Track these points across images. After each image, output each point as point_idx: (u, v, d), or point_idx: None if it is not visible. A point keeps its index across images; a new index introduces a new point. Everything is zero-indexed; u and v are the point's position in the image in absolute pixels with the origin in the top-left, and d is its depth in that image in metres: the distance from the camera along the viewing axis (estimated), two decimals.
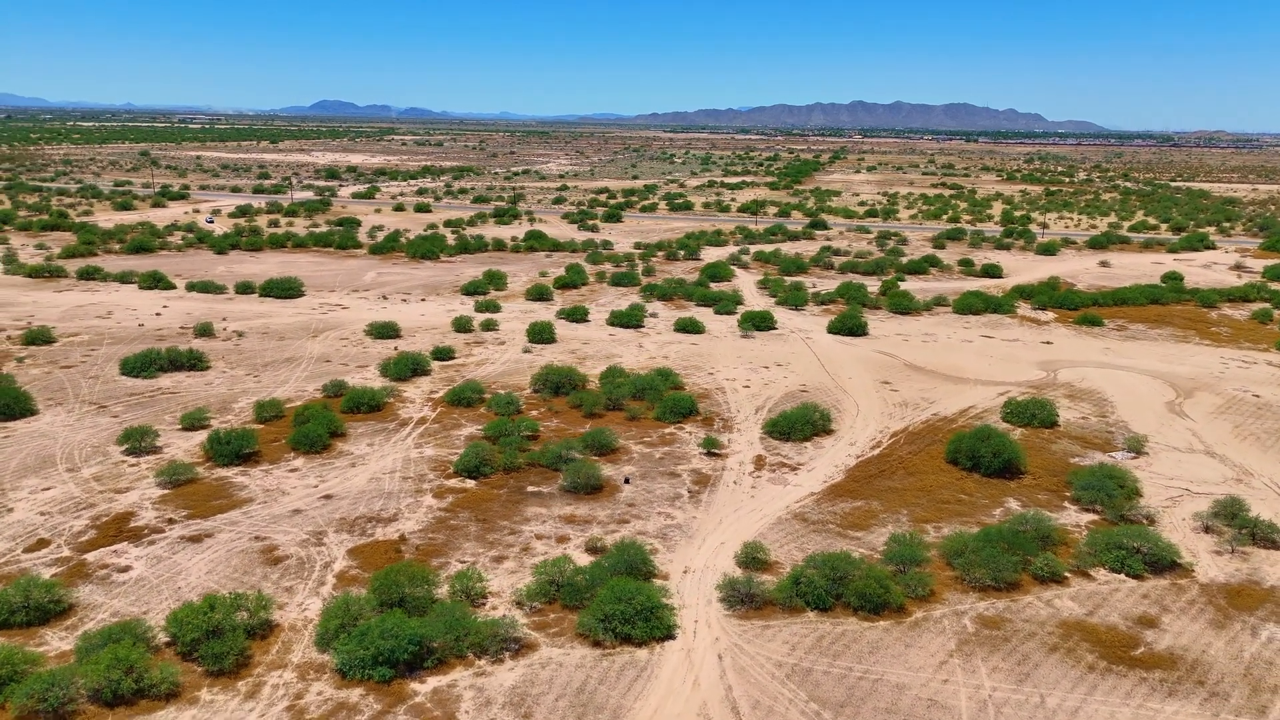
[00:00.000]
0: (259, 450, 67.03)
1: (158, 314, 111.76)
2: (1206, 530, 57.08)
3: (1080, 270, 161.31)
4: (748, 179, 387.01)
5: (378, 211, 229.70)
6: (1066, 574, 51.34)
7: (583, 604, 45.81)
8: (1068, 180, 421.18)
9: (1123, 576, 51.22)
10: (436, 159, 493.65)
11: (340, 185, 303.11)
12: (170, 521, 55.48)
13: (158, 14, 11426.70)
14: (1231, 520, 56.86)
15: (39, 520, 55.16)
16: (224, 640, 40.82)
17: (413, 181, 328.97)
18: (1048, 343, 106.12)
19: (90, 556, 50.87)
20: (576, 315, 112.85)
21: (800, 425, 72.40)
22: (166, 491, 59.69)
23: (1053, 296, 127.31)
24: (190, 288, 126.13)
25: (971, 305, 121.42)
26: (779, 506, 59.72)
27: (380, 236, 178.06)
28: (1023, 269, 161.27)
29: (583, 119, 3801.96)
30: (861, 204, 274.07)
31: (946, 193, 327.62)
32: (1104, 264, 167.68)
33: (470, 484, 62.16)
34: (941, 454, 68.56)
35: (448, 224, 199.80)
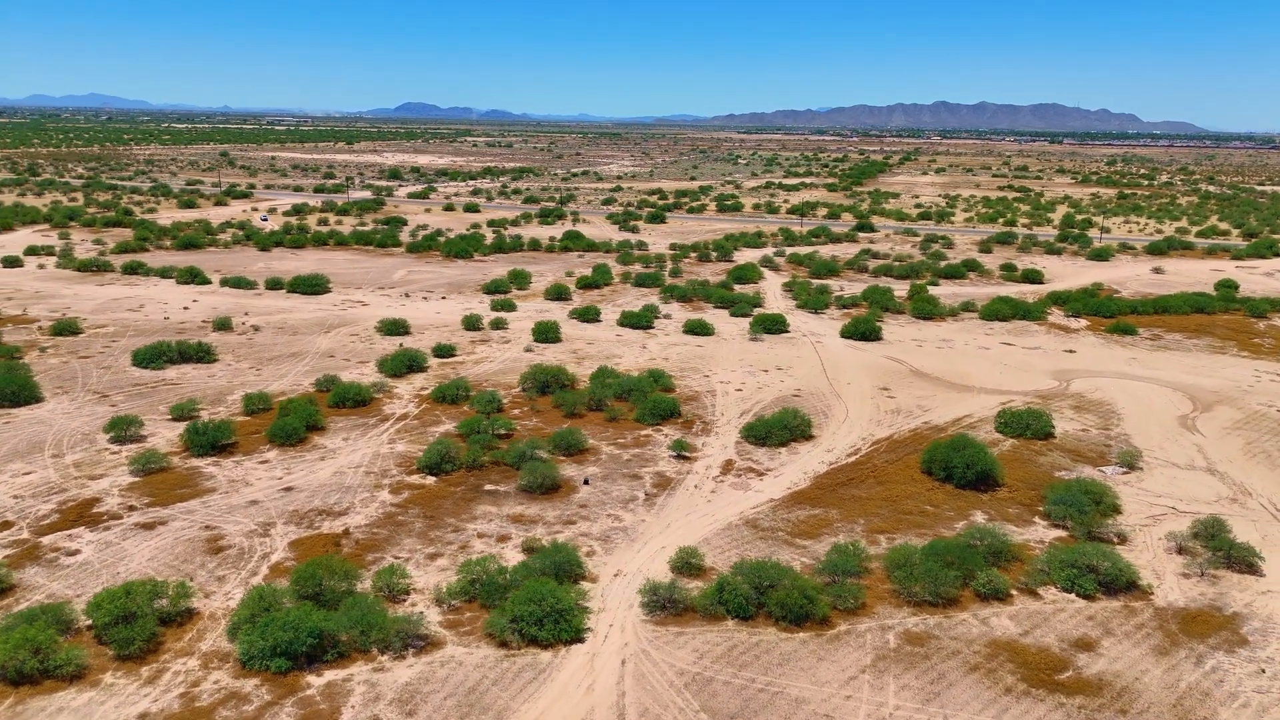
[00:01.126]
0: (236, 442, 68.70)
1: (185, 308, 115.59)
2: (1180, 551, 54.11)
3: (1130, 276, 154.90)
4: (807, 180, 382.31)
5: (428, 211, 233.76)
6: (1013, 591, 49.26)
7: (499, 604, 45.70)
8: (1146, 183, 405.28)
9: (1072, 596, 48.91)
10: (502, 160, 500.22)
11: (399, 185, 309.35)
12: (130, 508, 57.22)
13: (256, 20, 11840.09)
14: (1210, 541, 53.83)
15: (10, 503, 57.44)
16: (134, 625, 41.86)
17: (471, 182, 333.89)
18: (1070, 351, 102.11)
19: (46, 539, 52.76)
20: (588, 315, 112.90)
21: (777, 430, 71.06)
22: (136, 479, 61.60)
23: (1088, 303, 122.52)
24: (224, 283, 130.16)
25: (998, 311, 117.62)
26: (733, 512, 58.68)
27: (422, 235, 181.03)
28: (1068, 274, 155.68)
29: (659, 120, 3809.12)
30: (918, 206, 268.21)
31: (1011, 195, 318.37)
32: (1157, 270, 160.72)
33: (430, 480, 62.63)
34: (919, 463, 66.52)
35: (491, 224, 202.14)
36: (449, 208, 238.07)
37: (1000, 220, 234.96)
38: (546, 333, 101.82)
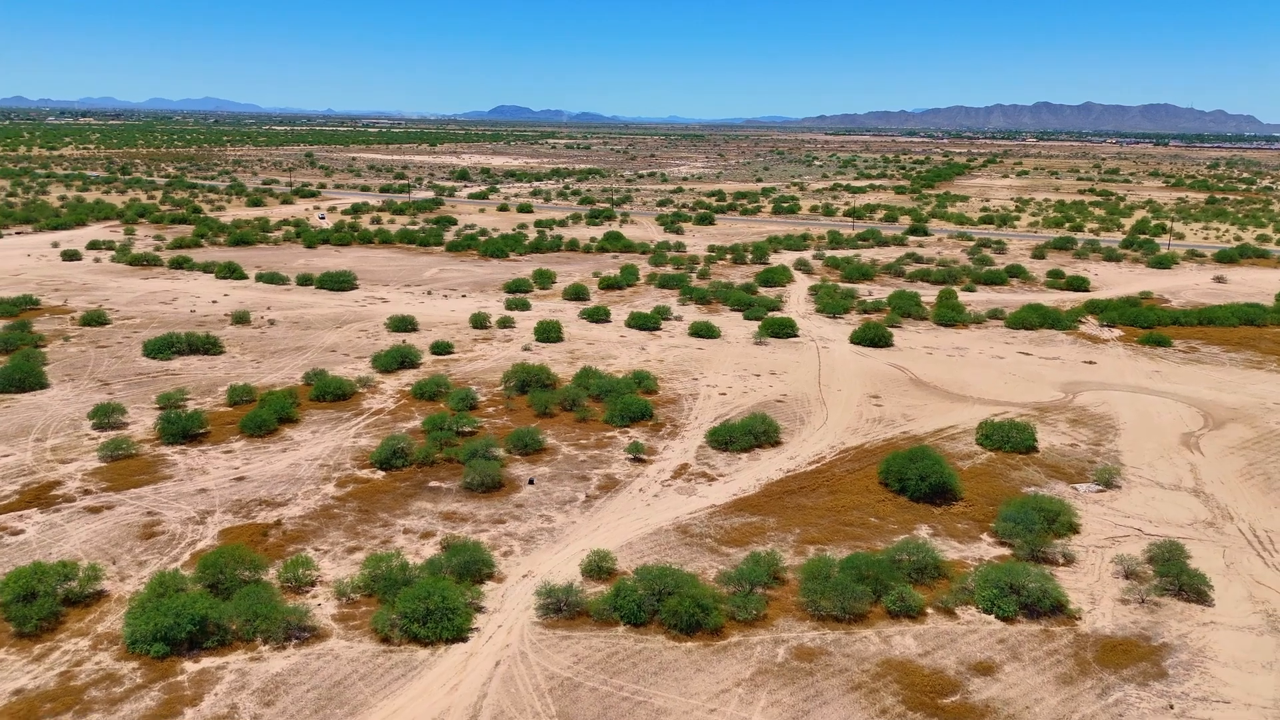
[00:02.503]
0: (209, 431, 70.90)
1: (214, 302, 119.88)
2: (1128, 576, 51.03)
3: (1186, 285, 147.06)
4: (878, 183, 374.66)
5: (482, 212, 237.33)
6: (928, 610, 47.22)
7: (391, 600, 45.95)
8: (1244, 188, 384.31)
9: (990, 618, 46.61)
10: (574, 162, 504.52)
11: (465, 186, 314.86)
12: (86, 492, 59.55)
13: (360, 26, 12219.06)
14: (1162, 566, 50.61)
15: None
16: (33, 604, 43.51)
17: (536, 183, 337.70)
18: (1090, 363, 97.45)
19: None
20: (597, 316, 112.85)
21: (741, 436, 69.72)
22: (102, 464, 64.09)
23: (1125, 313, 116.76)
24: (259, 278, 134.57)
25: (1025, 320, 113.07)
26: (668, 517, 57.78)
27: (463, 235, 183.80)
28: (1120, 282, 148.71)
29: (748, 122, 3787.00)
30: (984, 210, 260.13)
31: (1089, 200, 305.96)
32: (1219, 279, 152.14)
33: (379, 475, 63.44)
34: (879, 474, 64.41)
35: (538, 224, 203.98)
36: (503, 208, 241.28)
37: (1066, 225, 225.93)
38: (548, 332, 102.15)
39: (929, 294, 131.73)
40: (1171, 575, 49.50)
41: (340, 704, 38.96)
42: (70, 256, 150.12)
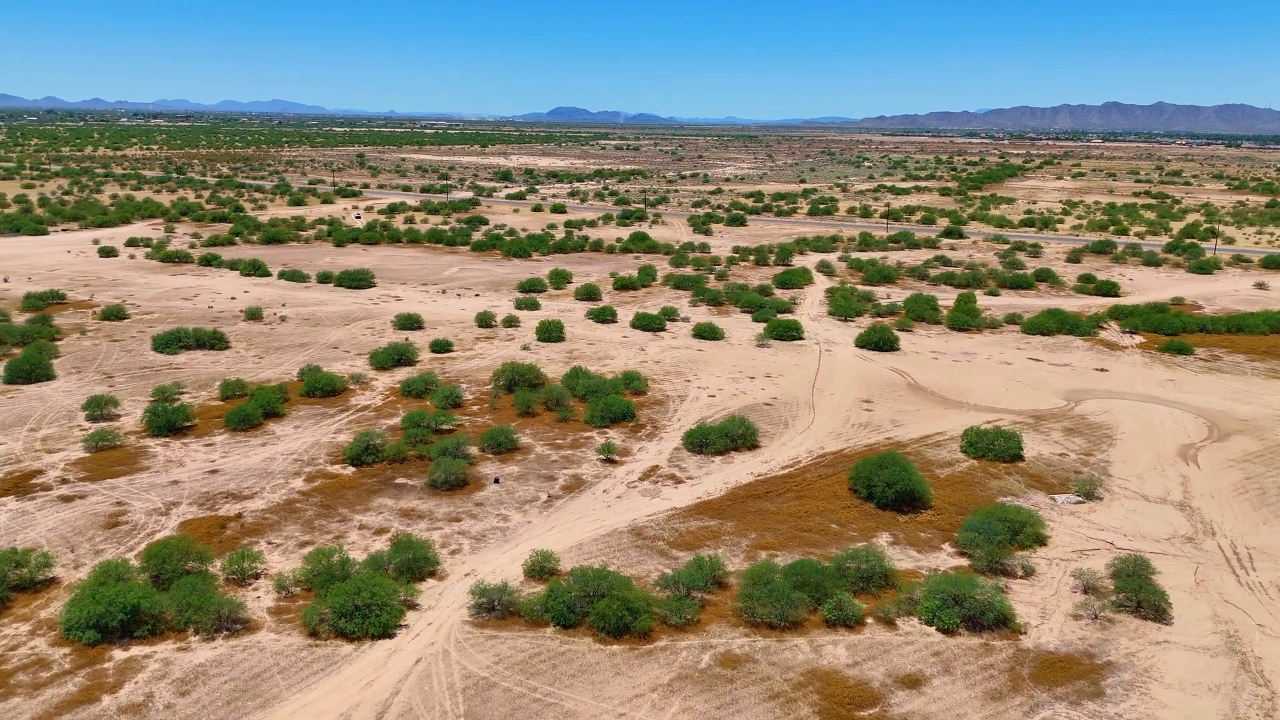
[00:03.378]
0: (195, 424, 72.42)
1: (233, 298, 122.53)
2: (1086, 590, 49.28)
3: (1224, 292, 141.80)
4: (925, 184, 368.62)
5: (516, 212, 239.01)
6: (868, 620, 46.14)
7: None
8: None
9: (931, 629, 45.37)
10: (622, 163, 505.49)
11: (506, 187, 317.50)
12: (63, 481, 61.22)
13: (423, 29, 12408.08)
14: (1125, 581, 48.75)
15: None
16: None
17: (578, 183, 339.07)
18: (1101, 370, 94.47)
19: None
20: (604, 316, 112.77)
21: (718, 438, 69.00)
22: (86, 455, 65.83)
23: (1148, 319, 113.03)
24: (281, 276, 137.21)
25: (1042, 325, 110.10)
26: (625, 519, 57.38)
27: (488, 235, 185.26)
28: (1155, 288, 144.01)
29: (806, 123, 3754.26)
30: (1028, 212, 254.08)
31: (1141, 202, 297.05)
32: (1260, 285, 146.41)
33: (349, 471, 64.13)
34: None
35: (568, 224, 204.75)
36: (537, 209, 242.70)
37: (1111, 229, 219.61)
38: (549, 332, 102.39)
39: (949, 298, 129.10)
40: (1130, 591, 47.66)
41: (254, 696, 39.37)
42: (107, 253, 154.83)
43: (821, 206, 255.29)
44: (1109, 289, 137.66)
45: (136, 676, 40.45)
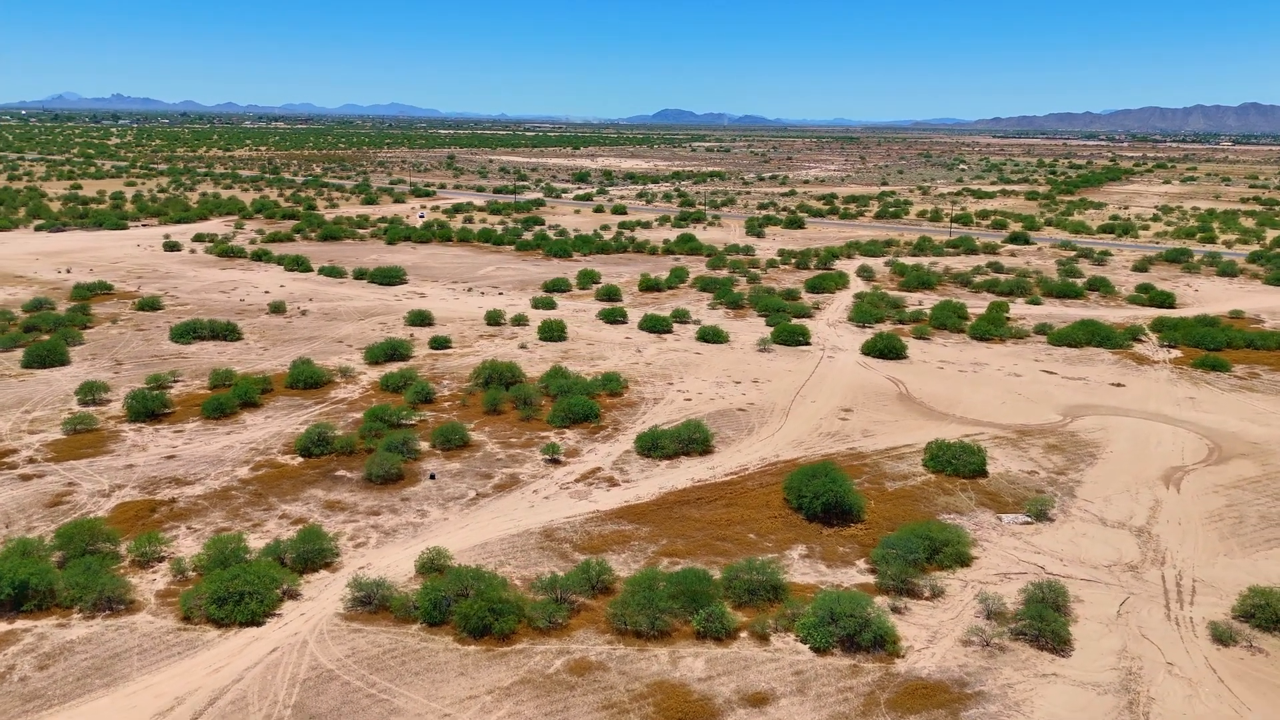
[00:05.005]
0: (174, 411, 75.45)
1: (266, 292, 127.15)
2: (990, 616, 46.48)
3: None
4: (1015, 187, 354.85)
5: (577, 213, 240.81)
6: (741, 633, 44.65)
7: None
8: None
9: (803, 647, 43.57)
10: (706, 164, 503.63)
11: (579, 188, 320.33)
12: (31, 461, 64.63)
13: (534, 34, 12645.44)
14: (1031, 608, 45.79)
15: None
16: None
17: (652, 185, 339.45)
18: (1118, 385, 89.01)
19: None
20: (614, 317, 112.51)
21: (668, 442, 67.86)
22: (62, 437, 69.34)
23: (1191, 333, 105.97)
24: (321, 271, 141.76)
25: (1070, 337, 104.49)
26: (542, 520, 57.04)
27: (540, 235, 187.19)
28: (1221, 299, 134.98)
29: (915, 125, 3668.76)
30: (1113, 218, 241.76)
31: (1245, 208, 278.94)
32: None
33: (296, 461, 65.67)
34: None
35: (621, 225, 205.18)
36: (598, 209, 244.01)
37: (1197, 236, 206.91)
38: (551, 331, 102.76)
39: (985, 306, 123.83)
40: (1032, 619, 44.74)
41: (104, 674, 40.68)
42: (172, 247, 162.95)
43: (891, 210, 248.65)
44: (1164, 300, 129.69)
45: (7, 649, 42.30)
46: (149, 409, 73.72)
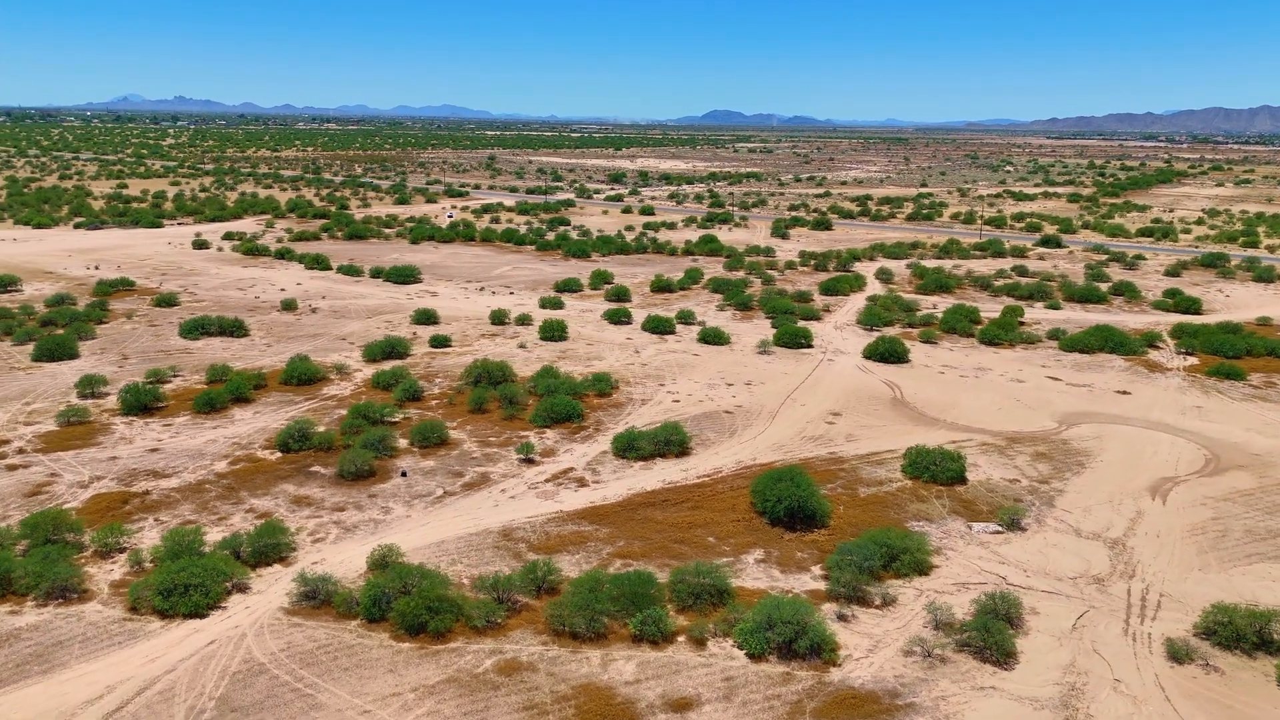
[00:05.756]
0: (166, 405, 76.96)
1: (282, 290, 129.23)
2: (938, 626, 45.42)
3: None
4: (1058, 189, 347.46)
5: (605, 214, 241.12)
6: (679, 637, 44.19)
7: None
8: None
9: (739, 653, 42.97)
10: (746, 165, 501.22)
11: (613, 188, 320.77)
12: (20, 451, 66.37)
13: (584, 36, 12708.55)
14: (979, 619, 44.61)
15: None
16: None
17: (686, 186, 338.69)
18: (1123, 392, 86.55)
19: None
20: (618, 317, 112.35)
21: (644, 444, 67.49)
22: (55, 428, 71.12)
23: (1210, 340, 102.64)
24: (339, 270, 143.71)
25: (1082, 342, 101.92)
26: (503, 519, 57.06)
27: (561, 235, 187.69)
28: (1251, 305, 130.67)
29: (969, 125, 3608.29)
30: (1155, 221, 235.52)
31: None
32: None
33: (274, 457, 66.55)
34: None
35: (646, 225, 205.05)
36: (626, 210, 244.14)
37: (1240, 240, 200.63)
38: (552, 331, 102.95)
39: (998, 310, 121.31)
40: (977, 631, 43.61)
41: (44, 661, 41.54)
42: (200, 246, 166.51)
43: (924, 212, 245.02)
44: (1191, 306, 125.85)
45: None
46: (142, 403, 75.27)
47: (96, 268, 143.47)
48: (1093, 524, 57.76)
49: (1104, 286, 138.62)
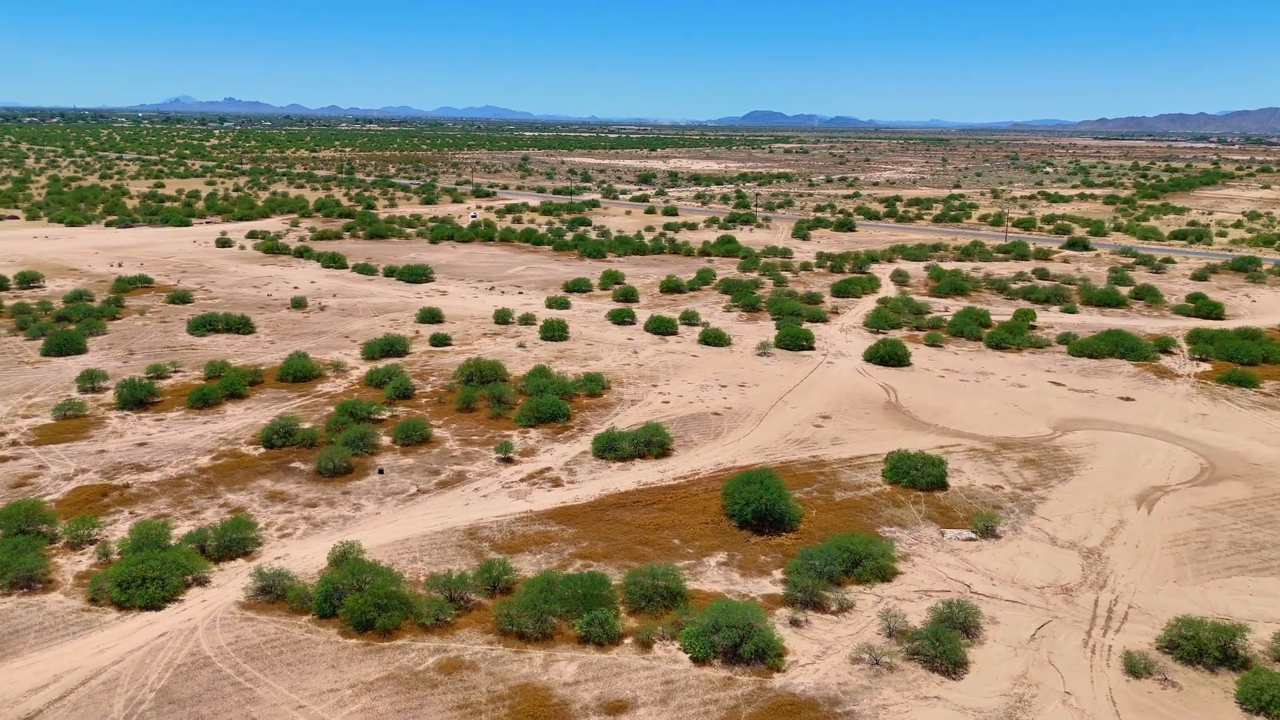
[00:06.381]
0: (161, 400, 78.26)
1: (295, 287, 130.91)
2: (891, 634, 44.64)
3: None
4: (1096, 190, 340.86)
5: (628, 214, 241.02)
6: (626, 639, 43.91)
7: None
8: None
9: (684, 656, 42.60)
10: (779, 166, 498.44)
11: (639, 189, 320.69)
12: (13, 444, 67.88)
13: (624, 36, 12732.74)
14: (931, 628, 43.74)
15: None
16: None
17: (715, 186, 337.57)
18: (1126, 399, 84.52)
19: None
20: (622, 318, 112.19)
21: (624, 445, 67.27)
22: (50, 421, 72.65)
23: (1226, 346, 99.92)
24: (355, 269, 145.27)
25: (1091, 347, 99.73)
26: (471, 518, 57.15)
27: (579, 236, 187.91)
28: (1276, 311, 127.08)
29: (1014, 126, 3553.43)
30: (1191, 224, 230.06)
31: None
32: None
33: (258, 452, 67.34)
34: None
35: (667, 226, 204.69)
36: (650, 210, 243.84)
37: (1277, 244, 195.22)
38: (552, 331, 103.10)
39: (1011, 313, 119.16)
40: (928, 639, 42.77)
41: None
42: (223, 244, 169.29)
43: (952, 214, 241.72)
44: (1212, 310, 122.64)
45: None
46: (137, 398, 76.61)
47: (120, 265, 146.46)
48: (1071, 533, 56.45)
49: (1125, 290, 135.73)
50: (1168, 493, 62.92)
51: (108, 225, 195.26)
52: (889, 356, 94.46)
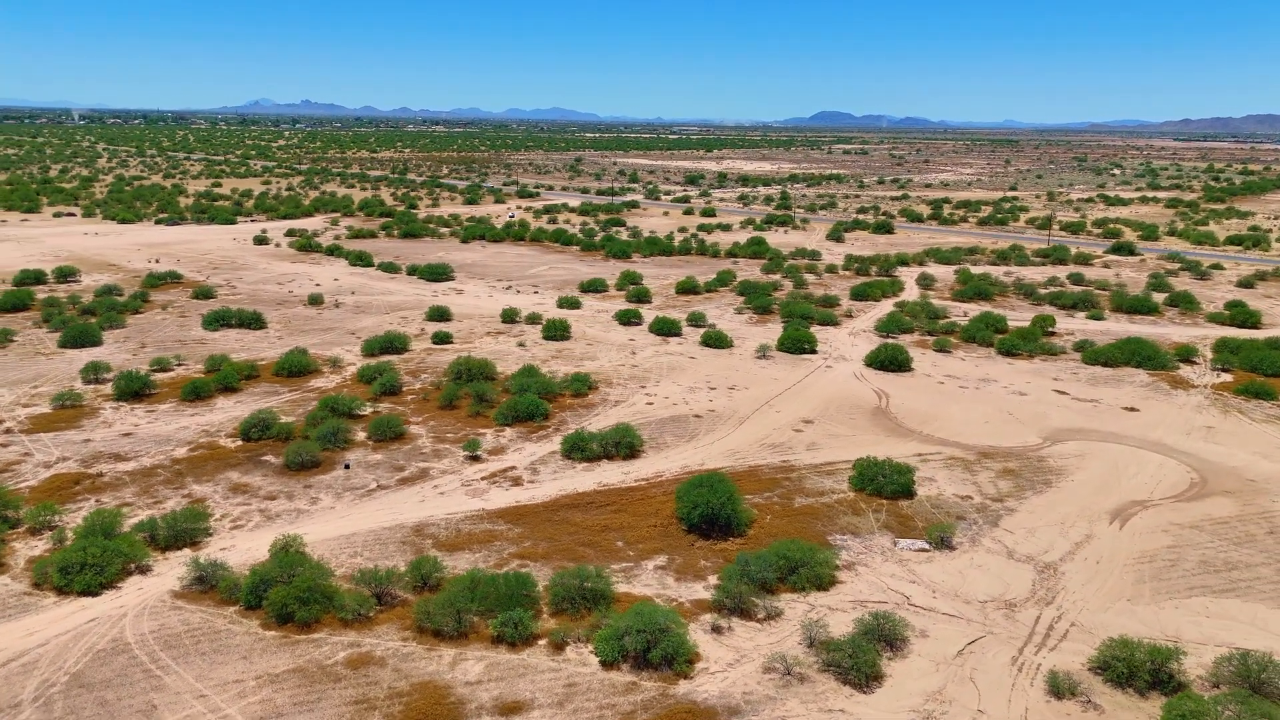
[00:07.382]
0: (157, 392, 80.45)
1: (317, 284, 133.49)
2: (811, 644, 43.60)
3: None
4: (1160, 194, 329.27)
5: (666, 215, 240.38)
6: (540, 640, 43.69)
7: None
8: None
9: (593, 657, 42.20)
10: (835, 167, 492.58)
11: (684, 190, 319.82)
12: (8, 431, 70.43)
13: (690, 37, 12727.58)
14: (851, 639, 42.62)
15: None
16: None
17: (762, 188, 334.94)
18: (1131, 409, 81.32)
19: None
20: (628, 318, 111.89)
21: (592, 445, 67.06)
22: (49, 410, 75.21)
23: (1252, 356, 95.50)
24: (379, 267, 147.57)
25: (1106, 355, 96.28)
26: (421, 515, 57.49)
27: (606, 236, 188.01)
28: None
29: (1091, 126, 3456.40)
30: (1252, 229, 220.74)
31: None
32: None
33: (234, 445, 68.77)
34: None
35: (700, 227, 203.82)
36: (688, 211, 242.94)
37: None
38: (554, 330, 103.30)
39: (1029, 319, 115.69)
40: (844, 651, 41.65)
41: None
42: (260, 242, 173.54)
43: (999, 216, 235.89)
44: (1248, 319, 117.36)
45: None
46: (133, 389, 78.88)
47: (157, 261, 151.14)
48: (1031, 546, 54.49)
49: (1160, 297, 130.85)
50: (1147, 507, 60.34)
51: (156, 223, 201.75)
52: (889, 361, 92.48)
